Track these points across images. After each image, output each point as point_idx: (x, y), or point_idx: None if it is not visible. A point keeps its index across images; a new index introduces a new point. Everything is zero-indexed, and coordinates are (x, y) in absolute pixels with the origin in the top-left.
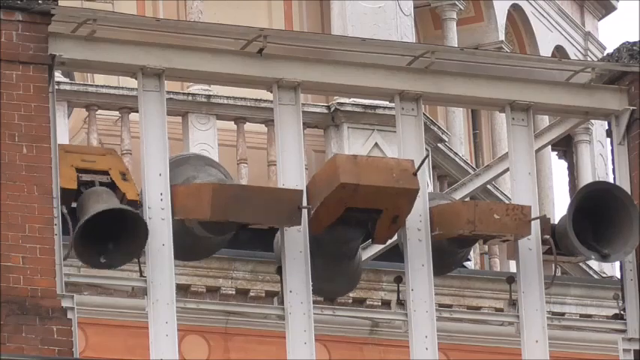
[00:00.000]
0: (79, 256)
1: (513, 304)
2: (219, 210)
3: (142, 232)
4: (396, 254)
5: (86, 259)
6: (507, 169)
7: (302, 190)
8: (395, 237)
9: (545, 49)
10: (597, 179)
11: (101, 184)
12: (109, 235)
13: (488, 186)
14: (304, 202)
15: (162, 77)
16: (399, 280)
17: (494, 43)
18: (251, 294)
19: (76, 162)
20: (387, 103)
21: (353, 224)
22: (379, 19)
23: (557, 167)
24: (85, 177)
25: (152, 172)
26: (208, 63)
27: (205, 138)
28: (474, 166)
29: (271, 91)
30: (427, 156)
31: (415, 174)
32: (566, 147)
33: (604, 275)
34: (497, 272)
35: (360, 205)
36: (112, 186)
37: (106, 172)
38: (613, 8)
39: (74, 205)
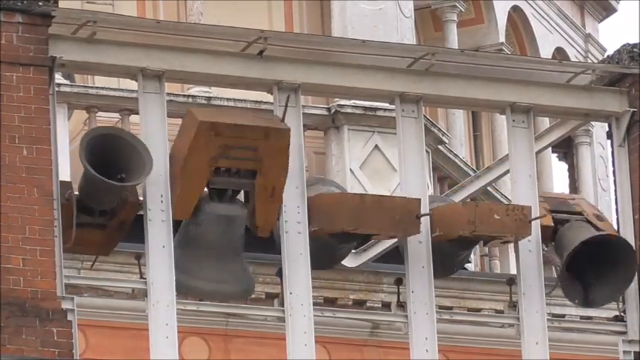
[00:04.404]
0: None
1: (514, 306)
2: (206, 135)
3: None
4: (396, 256)
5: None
6: (508, 171)
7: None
8: (395, 239)
9: (546, 51)
10: (598, 181)
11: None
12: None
13: (489, 188)
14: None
15: (163, 79)
16: (399, 282)
17: (494, 45)
18: (251, 296)
19: None
20: (388, 105)
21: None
22: (379, 20)
23: (558, 169)
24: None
25: (153, 174)
26: (208, 65)
27: None
28: (475, 168)
29: (271, 93)
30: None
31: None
32: (566, 149)
33: None
34: (497, 274)
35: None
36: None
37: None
38: (613, 10)
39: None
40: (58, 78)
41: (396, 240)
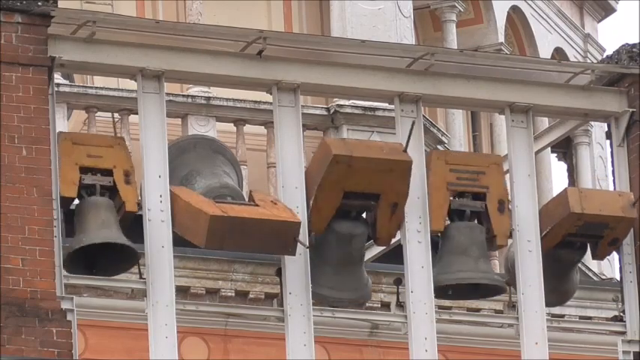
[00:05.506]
0: (69, 270)
1: (513, 306)
2: (214, 239)
3: (133, 258)
4: (396, 256)
5: (76, 271)
6: (507, 171)
7: (299, 222)
8: (396, 238)
9: (545, 51)
10: (597, 181)
11: (102, 187)
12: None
13: None
14: (301, 233)
15: (162, 79)
16: (398, 282)
17: (493, 45)
18: (250, 296)
19: (81, 159)
20: (387, 105)
21: (353, 216)
22: (379, 20)
23: (557, 169)
24: (87, 180)
25: (152, 174)
26: (208, 65)
27: None
28: None
29: (271, 93)
30: (412, 124)
31: (405, 150)
32: (565, 149)
33: (603, 277)
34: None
35: (356, 187)
36: (112, 191)
37: (109, 172)
38: (612, 10)
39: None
40: (58, 78)
41: (396, 240)
